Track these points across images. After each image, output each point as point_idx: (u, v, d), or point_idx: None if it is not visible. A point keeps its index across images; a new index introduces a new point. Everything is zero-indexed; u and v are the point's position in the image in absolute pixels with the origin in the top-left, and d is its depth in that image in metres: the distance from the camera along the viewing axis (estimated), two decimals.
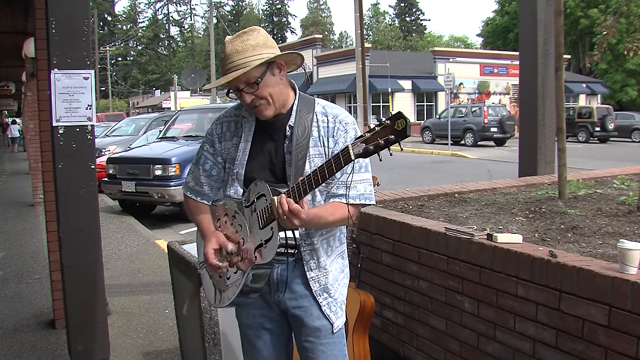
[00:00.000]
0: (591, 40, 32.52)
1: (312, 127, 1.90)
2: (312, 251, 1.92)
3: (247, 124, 1.97)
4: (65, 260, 3.33)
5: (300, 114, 1.90)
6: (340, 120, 1.91)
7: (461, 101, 32.65)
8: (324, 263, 1.94)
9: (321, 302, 1.95)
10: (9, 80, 15.29)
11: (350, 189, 1.86)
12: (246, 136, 1.95)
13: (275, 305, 1.99)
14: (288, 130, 1.90)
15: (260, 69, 1.81)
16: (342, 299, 2.01)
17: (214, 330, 2.71)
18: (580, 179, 4.63)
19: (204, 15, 69.53)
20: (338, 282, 2.00)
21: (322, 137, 1.90)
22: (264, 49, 1.82)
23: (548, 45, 5.43)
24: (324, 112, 1.93)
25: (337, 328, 1.98)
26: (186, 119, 11.38)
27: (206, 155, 2.02)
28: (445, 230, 2.81)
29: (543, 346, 2.30)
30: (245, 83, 1.82)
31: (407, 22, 73.73)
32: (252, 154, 1.93)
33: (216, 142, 2.01)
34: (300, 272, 1.93)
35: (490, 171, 8.63)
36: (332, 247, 1.98)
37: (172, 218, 9.46)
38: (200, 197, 2.05)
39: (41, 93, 4.09)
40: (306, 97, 1.98)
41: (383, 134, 1.54)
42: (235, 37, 1.85)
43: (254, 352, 2.07)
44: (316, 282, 1.94)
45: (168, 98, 40.48)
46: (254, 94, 1.83)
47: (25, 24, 6.75)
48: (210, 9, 33.17)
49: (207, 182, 2.03)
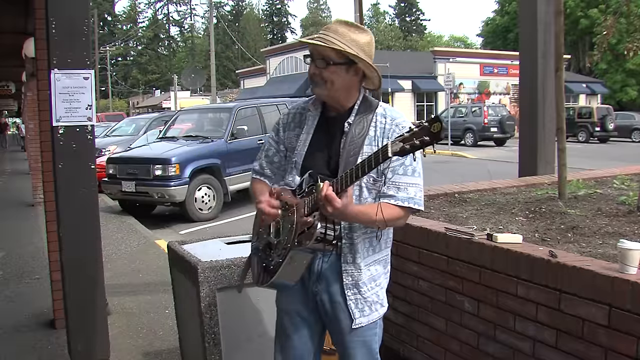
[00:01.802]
0: (591, 40, 32.49)
1: (370, 127, 1.97)
2: (351, 246, 1.97)
3: (311, 117, 2.07)
4: (65, 260, 3.33)
5: (359, 113, 1.98)
6: (397, 124, 1.97)
7: (461, 101, 32.65)
8: (360, 260, 1.98)
9: (348, 296, 1.98)
10: (9, 80, 15.29)
11: (401, 190, 1.92)
12: (308, 128, 2.06)
13: (312, 296, 2.04)
14: (346, 127, 1.97)
15: (340, 57, 1.89)
16: (376, 299, 2.02)
17: (214, 330, 2.71)
18: (580, 179, 4.63)
19: (204, 15, 69.59)
20: (376, 282, 2.03)
21: (377, 137, 1.96)
22: (357, 48, 1.90)
23: (548, 45, 5.42)
24: (384, 114, 2.00)
25: (357, 325, 1.99)
26: (186, 119, 11.39)
27: (270, 142, 2.17)
28: (445, 230, 2.81)
29: (543, 346, 2.30)
30: (320, 56, 1.91)
31: (407, 22, 73.71)
32: (311, 146, 2.03)
33: (280, 131, 2.14)
34: (337, 266, 1.99)
35: (490, 171, 8.63)
36: (374, 248, 2.01)
37: (172, 218, 9.46)
38: (263, 177, 2.18)
39: (41, 93, 4.09)
40: (370, 99, 2.04)
41: (419, 135, 1.62)
42: (348, 24, 1.95)
43: (284, 338, 2.13)
44: (349, 275, 1.98)
45: (168, 98, 40.47)
46: (319, 69, 1.92)
47: (25, 24, 6.74)
48: (210, 9, 33.16)
49: (269, 167, 2.17)
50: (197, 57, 68.10)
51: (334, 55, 1.89)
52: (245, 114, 10.24)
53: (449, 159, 18.98)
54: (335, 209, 1.75)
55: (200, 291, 2.67)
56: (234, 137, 9.59)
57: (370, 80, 2.01)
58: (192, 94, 40.08)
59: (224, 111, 10.50)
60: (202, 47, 67.03)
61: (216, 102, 27.12)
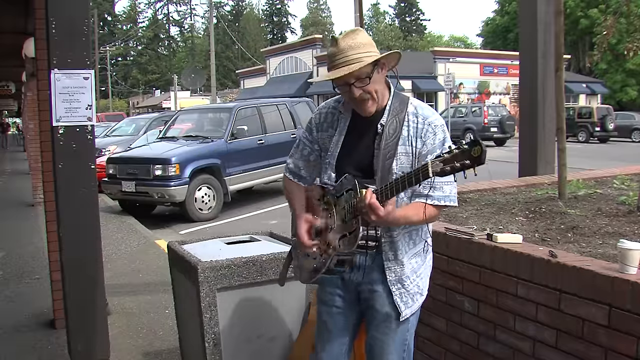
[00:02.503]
0: (591, 40, 32.49)
1: (403, 127, 1.99)
2: (391, 243, 2.01)
3: (343, 118, 2.09)
4: (65, 260, 3.33)
5: (392, 113, 2.00)
6: (429, 123, 1.99)
7: (461, 101, 32.64)
8: (402, 256, 2.02)
9: (393, 292, 2.03)
10: (9, 80, 15.29)
11: (436, 189, 1.95)
12: (341, 130, 2.08)
13: (352, 286, 2.09)
14: (380, 128, 1.99)
15: (370, 65, 1.91)
16: (417, 290, 2.08)
17: (214, 330, 2.71)
18: (580, 179, 4.63)
19: (204, 15, 69.58)
20: (417, 274, 2.08)
21: (410, 137, 1.99)
22: (371, 48, 1.93)
23: (548, 45, 5.42)
24: (415, 112, 2.01)
25: (403, 317, 2.05)
26: (186, 119, 11.39)
27: (305, 142, 2.19)
28: (445, 230, 2.81)
29: (543, 346, 2.30)
30: (356, 78, 1.91)
31: (407, 22, 73.69)
32: (344, 147, 2.06)
33: (314, 131, 2.16)
34: (379, 261, 2.03)
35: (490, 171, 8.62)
36: (414, 241, 2.06)
37: (172, 218, 9.45)
38: (297, 179, 2.21)
39: (41, 93, 4.08)
40: (400, 96, 2.06)
41: (460, 158, 1.64)
42: (346, 35, 1.95)
43: (321, 326, 2.19)
44: (392, 272, 2.03)
45: (168, 98, 40.47)
46: (363, 89, 1.92)
47: (25, 24, 6.74)
48: (210, 9, 33.15)
49: (305, 166, 2.20)
50: (197, 57, 68.07)
51: (366, 68, 1.90)
52: (245, 114, 10.24)
53: None
54: (379, 217, 1.79)
55: (200, 291, 2.67)
56: (234, 137, 9.59)
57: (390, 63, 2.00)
58: (192, 94, 40.08)
59: (224, 111, 10.49)
60: (202, 47, 67.00)
61: (216, 102, 27.11)
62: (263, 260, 2.79)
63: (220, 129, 9.92)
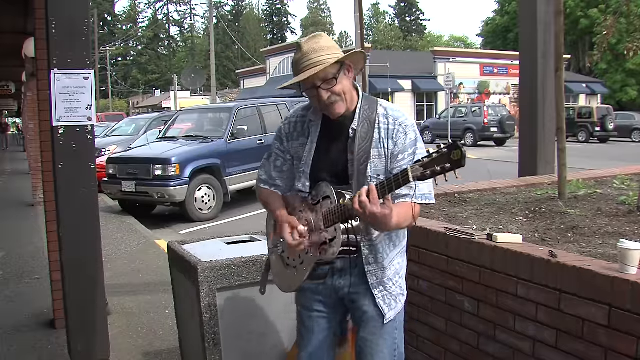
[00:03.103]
0: (591, 40, 32.50)
1: (374, 130, 1.98)
2: (371, 247, 2.00)
3: (314, 125, 2.08)
4: (65, 260, 3.33)
5: (363, 117, 1.99)
6: (400, 123, 1.99)
7: (461, 101, 32.64)
8: (382, 259, 2.02)
9: (376, 295, 2.03)
10: (9, 80, 15.28)
11: (412, 188, 1.92)
12: (312, 137, 2.06)
13: (334, 291, 2.08)
14: (352, 133, 1.98)
15: (336, 66, 1.92)
16: (399, 292, 2.09)
17: (214, 330, 2.71)
18: (580, 179, 4.63)
19: (204, 15, 69.55)
20: (399, 275, 2.10)
21: (382, 138, 1.98)
22: (335, 50, 1.94)
23: (548, 45, 5.42)
24: (385, 114, 2.01)
25: (387, 319, 2.05)
26: (186, 119, 11.39)
27: (277, 153, 2.16)
28: (445, 230, 2.81)
29: (543, 346, 2.30)
30: (322, 80, 1.91)
31: (407, 22, 73.71)
32: (318, 154, 2.04)
33: (284, 141, 2.14)
34: (360, 265, 2.02)
35: (490, 171, 8.63)
36: (394, 243, 2.07)
37: (172, 218, 9.45)
38: (273, 188, 2.18)
39: (41, 93, 4.09)
40: (369, 99, 2.06)
41: (440, 162, 1.64)
42: (309, 39, 1.97)
43: (303, 330, 2.18)
44: (373, 275, 2.02)
45: (168, 98, 40.47)
46: (330, 91, 1.92)
47: (25, 24, 6.74)
48: (210, 9, 33.15)
49: (279, 176, 2.17)
50: (197, 57, 68.07)
51: (331, 68, 1.90)
52: (245, 114, 10.24)
53: None
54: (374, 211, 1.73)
55: (200, 291, 2.68)
56: (234, 137, 9.59)
57: (356, 65, 2.01)
58: (192, 94, 40.06)
59: (224, 111, 10.50)
60: (202, 47, 67.00)
61: (216, 102, 27.11)
62: (263, 260, 2.78)
63: (220, 129, 9.92)
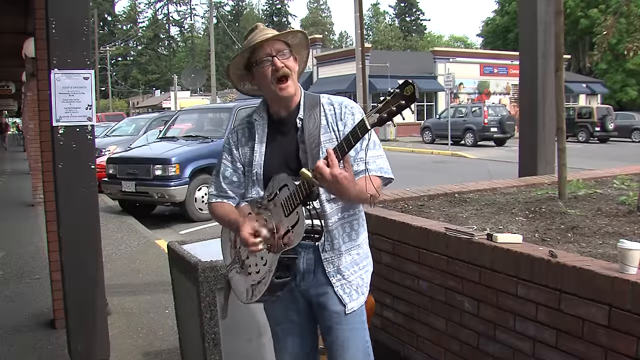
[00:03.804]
0: (591, 40, 32.50)
1: (321, 117, 2.00)
2: (327, 234, 1.98)
3: (260, 126, 2.07)
4: (65, 260, 3.33)
5: (307, 108, 2.01)
6: (345, 105, 2.02)
7: (461, 101, 32.64)
8: (338, 245, 1.99)
9: (334, 283, 2.00)
10: (9, 80, 15.29)
11: (370, 163, 1.93)
12: (260, 137, 2.05)
13: (301, 297, 2.06)
14: (299, 123, 1.99)
15: (287, 46, 1.97)
16: (360, 283, 2.05)
17: (214, 330, 2.71)
18: (580, 179, 4.63)
19: (204, 15, 69.51)
20: (359, 266, 2.06)
21: (330, 123, 2.00)
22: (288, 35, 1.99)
23: (548, 45, 5.42)
24: (330, 101, 2.04)
25: (349, 310, 2.01)
26: (186, 119, 11.38)
27: (225, 164, 2.12)
28: (445, 230, 2.81)
29: (543, 346, 2.30)
30: (277, 51, 1.94)
31: (407, 22, 73.70)
32: (268, 153, 2.03)
33: (233, 150, 2.11)
34: (317, 257, 2.00)
35: (490, 171, 8.63)
36: (349, 235, 2.03)
37: (172, 218, 9.45)
38: (226, 200, 2.14)
39: (41, 93, 4.09)
40: (310, 94, 2.08)
41: (394, 102, 1.63)
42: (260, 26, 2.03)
43: (279, 344, 2.15)
44: (330, 263, 2.00)
45: (168, 98, 40.50)
46: (284, 62, 1.94)
47: (25, 24, 6.74)
48: (210, 9, 33.16)
49: (230, 188, 2.12)
50: (197, 57, 68.07)
51: (284, 43, 1.96)
52: (245, 114, 10.22)
53: (449, 159, 18.98)
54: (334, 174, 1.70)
55: (200, 291, 2.67)
56: None
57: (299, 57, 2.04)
58: (192, 94, 40.08)
59: (224, 111, 10.49)
60: (202, 47, 67.00)
61: (216, 102, 27.11)
62: None
63: (220, 129, 9.91)
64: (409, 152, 21.51)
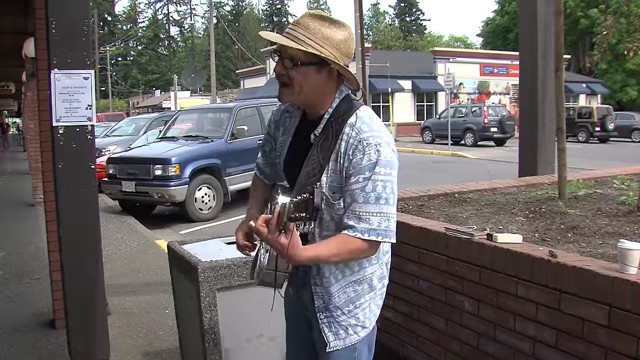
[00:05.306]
0: (591, 40, 32.50)
1: (340, 140, 1.71)
2: (317, 268, 1.79)
3: (291, 119, 1.91)
4: (65, 260, 3.33)
5: (329, 123, 1.74)
6: (361, 139, 1.67)
7: (461, 101, 32.64)
8: (327, 284, 1.78)
9: (321, 319, 1.81)
10: (9, 80, 15.30)
11: (362, 220, 1.64)
12: (288, 131, 1.90)
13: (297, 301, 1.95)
14: (312, 139, 1.76)
15: (310, 57, 1.66)
16: (353, 323, 1.80)
17: (214, 330, 2.71)
18: (580, 179, 4.63)
19: (204, 15, 69.55)
20: (354, 304, 1.80)
21: (341, 152, 1.71)
22: (330, 48, 1.67)
23: (548, 45, 5.42)
24: (353, 124, 1.71)
25: (332, 348, 1.79)
26: (186, 119, 11.39)
27: (267, 138, 2.03)
28: (445, 230, 2.81)
29: (543, 346, 2.30)
30: (286, 54, 1.69)
31: (407, 22, 73.68)
32: (289, 151, 1.88)
33: (272, 127, 1.99)
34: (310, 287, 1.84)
35: (490, 171, 8.64)
36: (343, 271, 1.78)
37: (172, 218, 9.46)
38: (262, 175, 2.08)
39: (41, 93, 4.09)
40: (349, 106, 1.76)
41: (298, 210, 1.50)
42: (322, 17, 1.70)
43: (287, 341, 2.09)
44: (320, 297, 1.81)
45: (168, 98, 40.47)
46: (286, 70, 1.70)
47: (25, 24, 6.74)
48: (210, 9, 33.15)
49: (265, 162, 2.06)
50: (197, 57, 68.06)
51: (302, 55, 1.65)
52: (245, 114, 10.24)
53: (449, 159, 18.98)
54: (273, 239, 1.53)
55: (200, 291, 2.68)
56: (234, 137, 9.59)
57: (349, 81, 1.78)
58: (192, 94, 40.06)
59: (224, 111, 10.50)
60: (202, 47, 67.00)
61: (216, 102, 27.11)
62: None
63: (220, 129, 9.92)
64: (409, 152, 21.51)
